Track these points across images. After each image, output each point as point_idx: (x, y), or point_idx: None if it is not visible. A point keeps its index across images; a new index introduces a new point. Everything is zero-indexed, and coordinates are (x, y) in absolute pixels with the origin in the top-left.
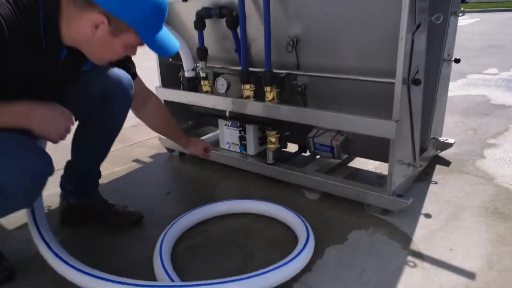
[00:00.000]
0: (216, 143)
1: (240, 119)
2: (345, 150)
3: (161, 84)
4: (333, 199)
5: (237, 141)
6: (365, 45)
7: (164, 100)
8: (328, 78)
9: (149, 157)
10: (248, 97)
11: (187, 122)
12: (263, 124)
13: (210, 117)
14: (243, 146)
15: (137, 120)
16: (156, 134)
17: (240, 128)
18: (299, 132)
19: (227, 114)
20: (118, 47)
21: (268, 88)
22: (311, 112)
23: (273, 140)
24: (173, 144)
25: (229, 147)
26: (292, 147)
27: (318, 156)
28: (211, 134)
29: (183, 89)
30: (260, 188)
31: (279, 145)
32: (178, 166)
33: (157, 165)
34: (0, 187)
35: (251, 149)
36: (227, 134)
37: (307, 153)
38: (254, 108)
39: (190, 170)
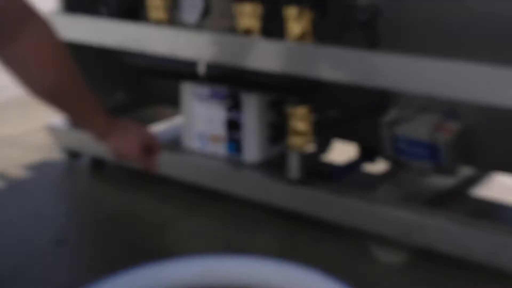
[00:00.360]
0: (175, 141)
1: (229, 82)
2: (463, 154)
3: (61, 7)
4: (438, 265)
5: (222, 132)
6: None
7: (69, 43)
8: None
9: (26, 167)
10: (248, 31)
11: (113, 93)
12: (280, 92)
13: (165, 79)
14: (234, 144)
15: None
16: (42, 121)
17: (230, 104)
18: (358, 115)
19: (201, 70)
20: None
21: (293, 11)
22: (388, 60)
23: (302, 128)
24: (78, 139)
25: (202, 147)
26: (343, 151)
27: (402, 169)
28: (165, 126)
29: (109, 15)
30: (270, 237)
31: (316, 144)
32: (87, 188)
33: (41, 185)
34: None
35: (252, 151)
36: (200, 117)
37: (378, 162)
38: (261, 55)
39: (113, 197)
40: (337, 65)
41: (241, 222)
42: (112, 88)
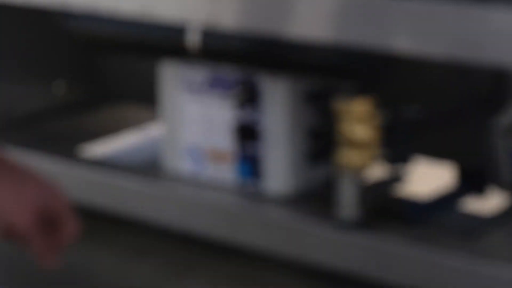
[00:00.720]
0: (151, 162)
1: (238, 60)
2: None
3: None
4: None
5: (229, 144)
6: None
7: None
8: None
9: None
10: None
11: (49, 83)
12: (326, 75)
13: (134, 59)
14: (249, 165)
15: None
16: None
17: (241, 97)
18: (456, 117)
19: (192, 41)
20: None
21: None
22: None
23: (362, 136)
24: None
25: (196, 169)
26: (429, 175)
27: None
28: (134, 137)
29: None
30: None
31: (386, 163)
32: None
33: None
34: None
35: (279, 176)
36: (192, 121)
37: (487, 193)
38: (294, 13)
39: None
40: (424, 29)
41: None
42: (47, 76)
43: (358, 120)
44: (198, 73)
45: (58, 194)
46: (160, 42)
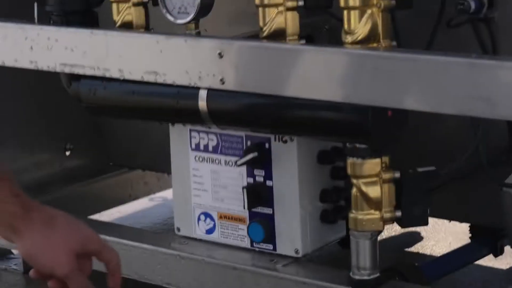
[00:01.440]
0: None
1: (248, 122)
2: None
3: None
4: None
5: (240, 208)
6: None
7: None
8: None
9: None
10: (281, 34)
11: (61, 148)
12: (339, 135)
13: (141, 122)
14: (260, 228)
15: None
16: None
17: (251, 159)
18: (470, 173)
19: (204, 106)
20: None
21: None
22: None
23: (375, 195)
24: None
25: (210, 235)
26: (445, 233)
27: None
28: (146, 204)
29: (52, 22)
30: None
31: (401, 223)
32: None
33: None
34: None
35: (292, 239)
36: (204, 184)
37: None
38: (304, 73)
39: None
40: (435, 86)
41: None
42: (55, 142)
43: (372, 179)
44: (208, 136)
45: (89, 231)
46: (169, 106)
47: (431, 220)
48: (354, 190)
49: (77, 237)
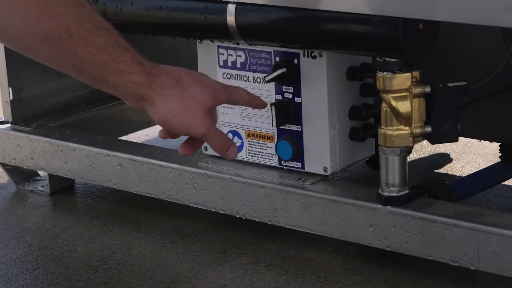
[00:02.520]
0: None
1: (276, 36)
2: None
3: None
4: None
5: (268, 126)
6: None
7: None
8: None
9: None
10: None
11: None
12: (368, 48)
13: (160, 36)
14: (288, 146)
15: None
16: None
17: (279, 76)
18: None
19: (232, 20)
20: None
21: None
22: None
23: (405, 111)
24: (29, 148)
25: (238, 152)
26: (477, 154)
27: None
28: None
29: None
30: None
31: (432, 140)
32: (46, 227)
33: None
34: None
35: (321, 158)
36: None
37: None
38: None
39: (91, 239)
40: None
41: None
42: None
43: (401, 95)
44: (236, 52)
45: (215, 84)
46: (197, 21)
47: (461, 141)
48: (383, 105)
49: (208, 94)
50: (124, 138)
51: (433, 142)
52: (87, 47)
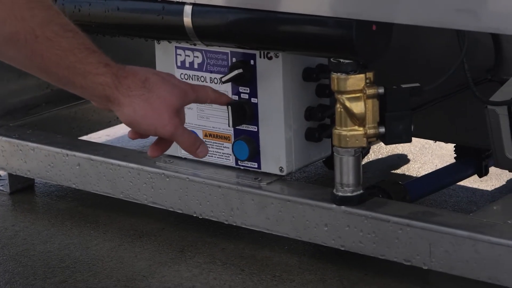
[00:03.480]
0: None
1: (232, 38)
2: None
3: None
4: None
5: (225, 126)
6: None
7: None
8: None
9: None
10: None
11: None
12: (324, 50)
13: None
14: (245, 146)
15: None
16: None
17: (236, 77)
18: (456, 90)
19: (189, 22)
20: None
21: None
22: None
23: (358, 111)
24: None
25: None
26: (430, 155)
27: None
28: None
29: None
30: None
31: (385, 140)
32: (5, 226)
33: None
34: None
35: (276, 157)
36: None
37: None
38: None
39: (49, 237)
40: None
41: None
42: None
43: (356, 95)
44: (193, 53)
45: (182, 84)
46: (154, 22)
47: (417, 142)
48: (338, 106)
49: (176, 94)
50: (85, 138)
51: (386, 142)
52: (53, 48)
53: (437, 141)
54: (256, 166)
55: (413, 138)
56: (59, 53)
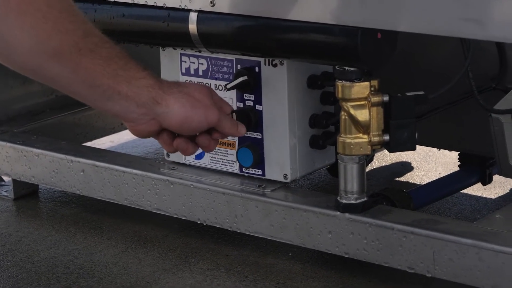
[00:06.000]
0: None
1: (236, 46)
2: None
3: None
4: None
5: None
6: None
7: None
8: None
9: None
10: None
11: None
12: (328, 58)
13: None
14: (249, 153)
15: None
16: None
17: (241, 84)
18: (459, 99)
19: (194, 29)
20: None
21: None
22: None
23: (363, 119)
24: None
25: (198, 160)
26: (435, 162)
27: None
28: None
29: None
30: None
31: (389, 149)
32: (9, 231)
33: None
34: None
35: (281, 165)
36: None
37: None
38: None
39: (53, 243)
40: (426, 5)
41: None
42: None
43: (360, 102)
44: (198, 60)
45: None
46: (159, 28)
47: (421, 150)
48: (342, 113)
49: (204, 88)
50: (88, 144)
51: (391, 150)
52: (95, 59)
53: (441, 149)
54: (260, 173)
55: (417, 146)
56: (101, 62)
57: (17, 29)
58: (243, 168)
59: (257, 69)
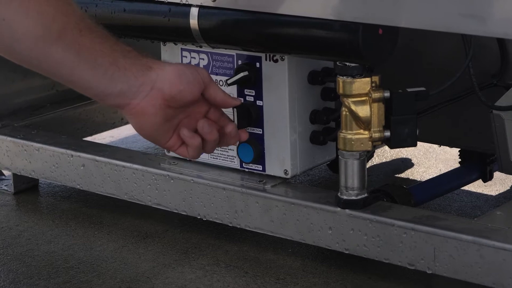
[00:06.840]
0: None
1: (238, 41)
2: None
3: None
4: None
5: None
6: None
7: None
8: None
9: None
10: None
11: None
12: (329, 54)
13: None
14: (250, 149)
15: None
16: None
17: (242, 79)
18: (461, 95)
19: (195, 24)
20: None
21: None
22: None
23: (364, 115)
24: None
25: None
26: (436, 159)
27: None
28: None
29: None
30: None
31: (390, 145)
32: (9, 225)
33: None
34: None
35: (281, 161)
36: None
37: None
38: None
39: (54, 237)
40: (427, 1)
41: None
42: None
43: (361, 99)
44: (199, 55)
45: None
46: (160, 23)
47: (422, 147)
48: (343, 109)
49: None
50: (89, 139)
51: (391, 146)
52: (95, 38)
53: (441, 146)
54: (261, 169)
55: (417, 142)
56: (100, 41)
57: (22, 15)
58: (243, 164)
59: (258, 65)
